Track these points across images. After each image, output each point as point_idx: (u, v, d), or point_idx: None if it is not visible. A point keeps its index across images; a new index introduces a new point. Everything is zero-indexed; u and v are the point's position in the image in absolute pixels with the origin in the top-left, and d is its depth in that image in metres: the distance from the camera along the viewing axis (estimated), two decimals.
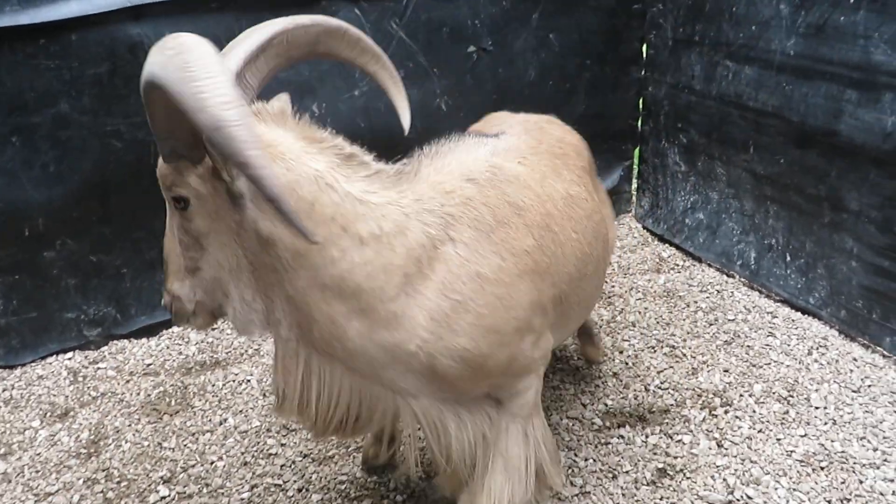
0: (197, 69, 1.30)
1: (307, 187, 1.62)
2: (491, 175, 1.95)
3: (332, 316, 1.72)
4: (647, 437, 2.84)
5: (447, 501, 2.37)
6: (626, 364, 3.29)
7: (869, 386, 3.03)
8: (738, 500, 2.51)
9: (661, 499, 2.54)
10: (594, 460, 2.73)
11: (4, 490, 2.73)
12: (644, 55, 4.39)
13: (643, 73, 4.41)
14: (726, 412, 2.94)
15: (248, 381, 3.30)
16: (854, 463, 2.63)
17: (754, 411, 2.93)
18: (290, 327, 1.78)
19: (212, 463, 2.83)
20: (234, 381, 3.30)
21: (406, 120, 2.03)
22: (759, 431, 2.82)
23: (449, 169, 1.94)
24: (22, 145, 3.06)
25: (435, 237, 1.77)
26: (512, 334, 1.86)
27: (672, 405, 3.00)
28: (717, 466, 2.66)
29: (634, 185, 4.88)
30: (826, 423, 2.84)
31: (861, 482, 2.55)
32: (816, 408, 2.93)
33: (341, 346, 1.77)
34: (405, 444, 2.30)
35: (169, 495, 2.68)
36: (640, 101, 4.51)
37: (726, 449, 2.75)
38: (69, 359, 3.47)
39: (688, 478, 2.62)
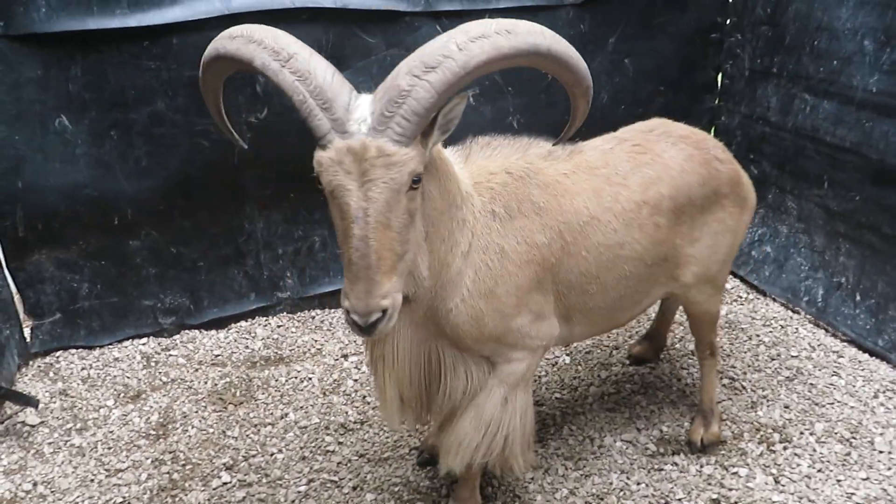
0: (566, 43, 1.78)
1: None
2: (524, 174, 2.22)
3: (438, 271, 2.00)
4: (701, 466, 2.82)
5: None
6: (684, 392, 3.27)
7: None
8: None
9: None
10: (647, 485, 2.73)
11: (79, 463, 2.89)
12: (719, 84, 4.38)
13: (717, 101, 4.39)
14: (785, 448, 2.89)
15: (310, 378, 3.40)
16: None
17: (815, 450, 2.88)
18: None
19: (272, 455, 2.93)
20: (296, 377, 3.41)
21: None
22: (819, 471, 2.77)
23: (494, 159, 2.25)
24: (119, 139, 3.26)
25: (486, 205, 2.10)
26: (511, 307, 2.15)
27: (729, 437, 2.97)
28: (774, 502, 2.62)
29: None
30: (890, 469, 2.77)
31: None
32: (880, 452, 2.86)
33: (429, 299, 2.05)
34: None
35: (230, 482, 2.79)
36: (713, 130, 4.48)
37: (783, 486, 2.71)
38: (143, 344, 3.65)
39: None
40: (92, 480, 2.80)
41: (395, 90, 1.63)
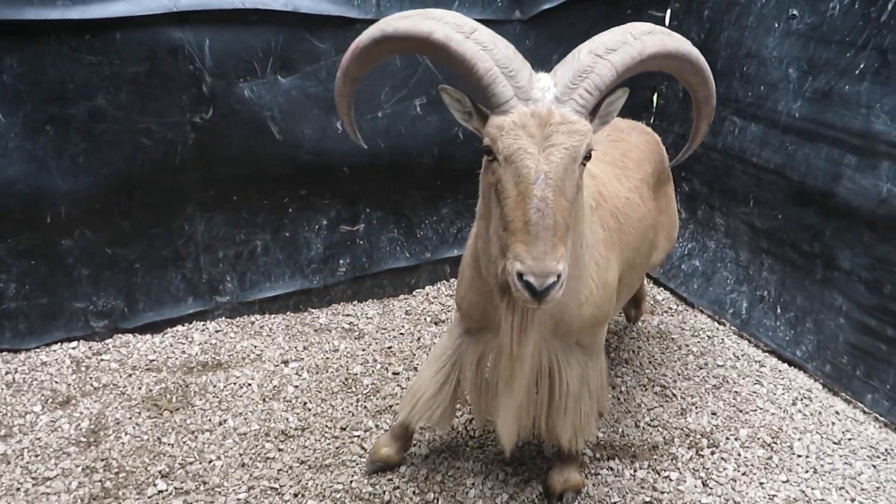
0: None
1: None
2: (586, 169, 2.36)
3: (572, 263, 1.95)
4: (635, 471, 2.93)
5: None
6: (619, 400, 3.38)
7: (849, 439, 3.15)
8: None
9: None
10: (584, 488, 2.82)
11: (3, 471, 2.76)
12: (654, 104, 4.57)
13: (652, 120, 4.58)
14: (713, 453, 3.04)
15: (250, 384, 3.35)
16: None
17: (739, 454, 3.04)
18: None
19: (210, 462, 2.87)
20: (235, 383, 3.36)
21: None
22: (744, 474, 2.93)
23: None
24: (55, 134, 3.13)
25: (587, 200, 2.16)
26: (615, 289, 2.35)
27: (660, 442, 3.10)
28: None
29: None
30: (807, 472, 2.95)
31: None
32: (798, 456, 3.04)
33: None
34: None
35: (166, 490, 2.72)
36: None
37: (711, 488, 2.85)
38: (73, 348, 3.50)
39: None
40: (18, 489, 2.68)
41: (578, 66, 1.77)
